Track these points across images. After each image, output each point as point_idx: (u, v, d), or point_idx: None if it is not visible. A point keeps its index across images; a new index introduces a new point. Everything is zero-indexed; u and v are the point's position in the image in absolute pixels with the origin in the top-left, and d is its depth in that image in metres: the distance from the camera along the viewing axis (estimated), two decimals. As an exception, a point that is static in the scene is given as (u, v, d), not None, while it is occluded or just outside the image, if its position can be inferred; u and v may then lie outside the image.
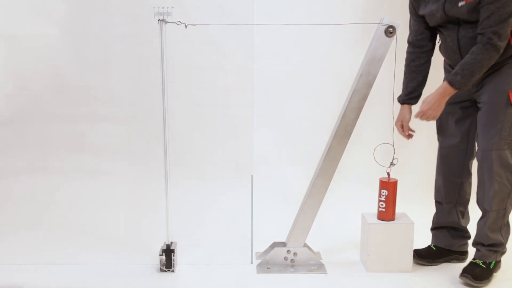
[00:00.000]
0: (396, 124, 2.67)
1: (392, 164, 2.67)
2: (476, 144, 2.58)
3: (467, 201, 2.74)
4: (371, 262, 2.66)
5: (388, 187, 2.65)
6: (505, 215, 2.53)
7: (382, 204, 2.67)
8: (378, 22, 2.51)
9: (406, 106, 2.64)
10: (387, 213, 2.67)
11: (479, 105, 2.48)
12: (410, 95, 2.61)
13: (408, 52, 2.62)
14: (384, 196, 2.66)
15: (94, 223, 3.14)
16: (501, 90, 2.40)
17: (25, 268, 2.66)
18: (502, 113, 2.39)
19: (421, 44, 2.57)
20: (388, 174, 2.69)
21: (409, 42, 2.62)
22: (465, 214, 2.75)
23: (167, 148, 2.60)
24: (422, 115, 2.48)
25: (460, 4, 2.32)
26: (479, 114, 2.48)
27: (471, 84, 2.37)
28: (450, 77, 2.39)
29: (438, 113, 2.47)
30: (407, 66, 2.62)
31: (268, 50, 3.52)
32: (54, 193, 3.38)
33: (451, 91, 2.40)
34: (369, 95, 2.60)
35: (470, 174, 2.69)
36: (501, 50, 2.30)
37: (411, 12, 2.57)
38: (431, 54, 2.59)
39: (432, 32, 2.56)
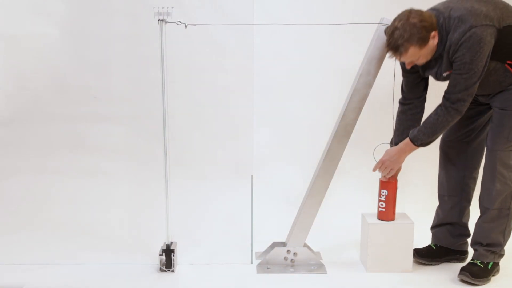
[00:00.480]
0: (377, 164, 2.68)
1: (392, 164, 2.67)
2: (476, 137, 2.64)
3: (471, 196, 2.74)
4: (371, 262, 2.67)
5: (388, 187, 2.65)
6: (509, 216, 2.54)
7: (382, 204, 2.67)
8: (378, 22, 2.52)
9: None
10: (387, 213, 2.67)
11: (493, 107, 2.52)
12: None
13: (404, 104, 2.64)
14: (384, 196, 2.66)
15: (94, 223, 3.13)
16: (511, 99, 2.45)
17: (25, 268, 2.66)
18: (511, 119, 2.44)
19: (416, 95, 2.62)
20: (388, 174, 2.69)
21: (404, 96, 2.64)
22: (467, 210, 2.76)
23: (167, 148, 2.60)
24: (381, 165, 2.60)
25: (444, 74, 2.42)
26: (492, 116, 2.52)
27: (434, 140, 2.49)
28: (413, 134, 2.49)
29: (396, 166, 2.59)
30: (404, 113, 2.64)
31: (268, 50, 3.51)
32: (54, 193, 3.38)
33: (412, 148, 2.52)
34: (369, 95, 2.61)
35: (474, 168, 2.69)
36: (464, 112, 2.41)
37: (402, 69, 2.59)
38: (425, 101, 2.64)
39: (426, 82, 2.61)
